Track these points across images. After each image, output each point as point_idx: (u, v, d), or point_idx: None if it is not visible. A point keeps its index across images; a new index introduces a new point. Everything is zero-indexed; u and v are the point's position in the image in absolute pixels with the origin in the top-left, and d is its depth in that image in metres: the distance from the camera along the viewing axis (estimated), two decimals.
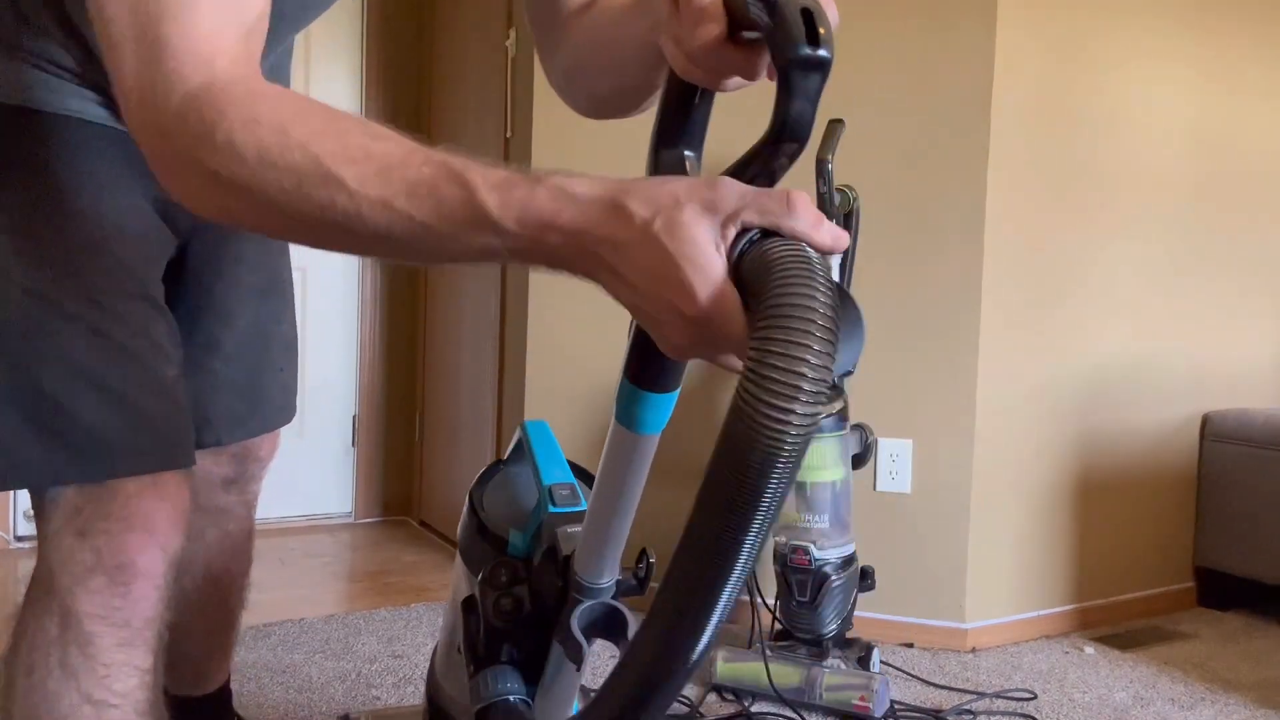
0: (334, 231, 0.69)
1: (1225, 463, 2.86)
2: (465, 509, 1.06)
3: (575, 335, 2.78)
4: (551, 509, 0.96)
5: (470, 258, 0.69)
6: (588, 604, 0.89)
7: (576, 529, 0.93)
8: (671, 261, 0.61)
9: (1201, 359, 2.91)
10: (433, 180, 0.66)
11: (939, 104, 2.48)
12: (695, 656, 0.57)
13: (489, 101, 3.20)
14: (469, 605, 0.99)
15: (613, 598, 0.90)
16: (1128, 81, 2.70)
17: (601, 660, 2.11)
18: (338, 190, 0.68)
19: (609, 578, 0.90)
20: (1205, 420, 2.92)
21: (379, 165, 0.68)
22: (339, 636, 2.43)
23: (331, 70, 3.63)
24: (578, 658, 0.88)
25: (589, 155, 2.75)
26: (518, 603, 0.95)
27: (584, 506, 0.97)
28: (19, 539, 3.27)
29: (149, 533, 0.99)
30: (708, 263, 0.61)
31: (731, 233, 0.62)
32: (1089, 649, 2.54)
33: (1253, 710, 2.17)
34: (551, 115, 2.72)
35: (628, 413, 0.79)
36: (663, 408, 0.79)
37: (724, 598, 0.57)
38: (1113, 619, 2.74)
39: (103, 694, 0.98)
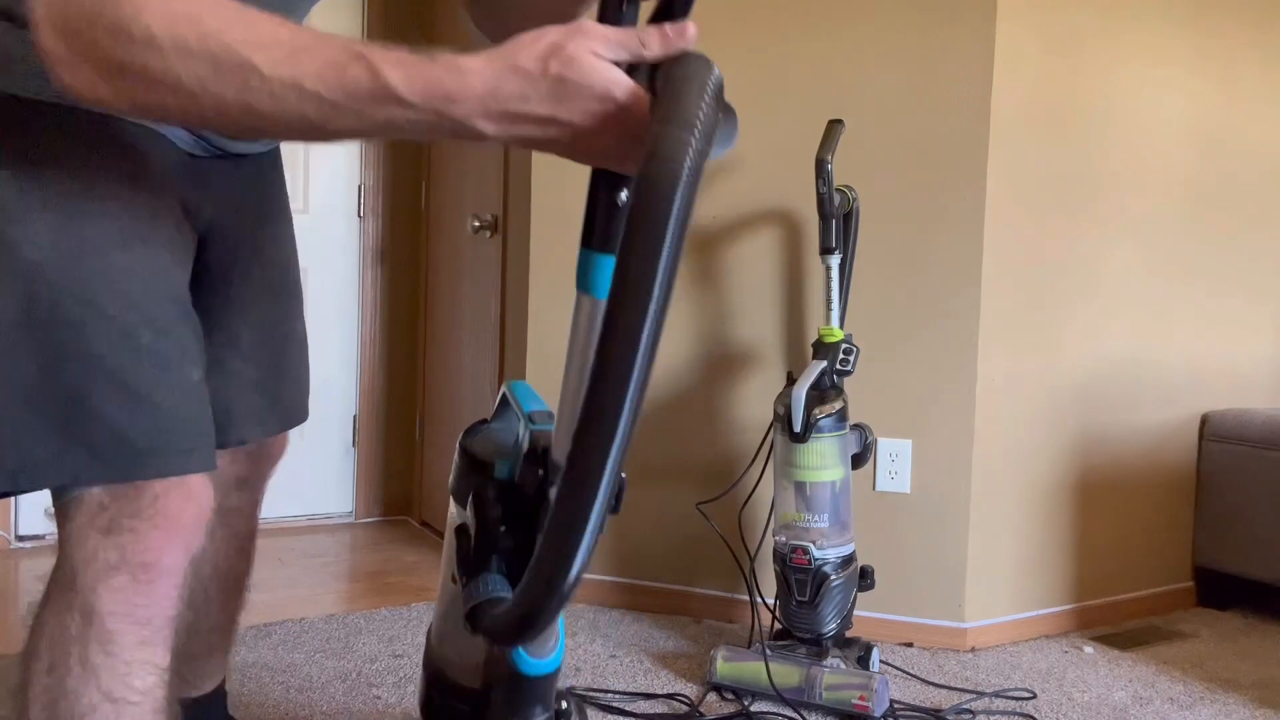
0: (248, 115, 0.76)
1: (1224, 462, 2.86)
2: (455, 456, 1.10)
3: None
4: (532, 427, 1.01)
5: (376, 133, 0.78)
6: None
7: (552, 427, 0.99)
8: (582, 85, 0.75)
9: (1201, 359, 2.92)
10: (339, 61, 0.75)
11: (939, 104, 2.49)
12: (641, 366, 0.64)
13: None
14: (461, 530, 1.02)
15: None
16: (1128, 82, 2.70)
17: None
18: (251, 74, 0.74)
19: None
20: (1204, 420, 2.92)
21: (288, 50, 0.75)
22: (339, 636, 2.44)
23: None
24: None
25: None
26: (506, 509, 0.98)
27: None
28: (19, 539, 3.28)
29: (174, 532, 1.00)
30: (606, 71, 0.75)
31: (605, 50, 0.76)
32: (1088, 648, 2.54)
33: (1252, 710, 2.17)
34: None
35: (586, 278, 0.89)
36: (607, 268, 0.88)
37: (653, 316, 0.64)
38: (1112, 618, 2.74)
39: (123, 691, 0.99)
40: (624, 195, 0.87)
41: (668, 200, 0.65)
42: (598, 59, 0.75)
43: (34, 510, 3.30)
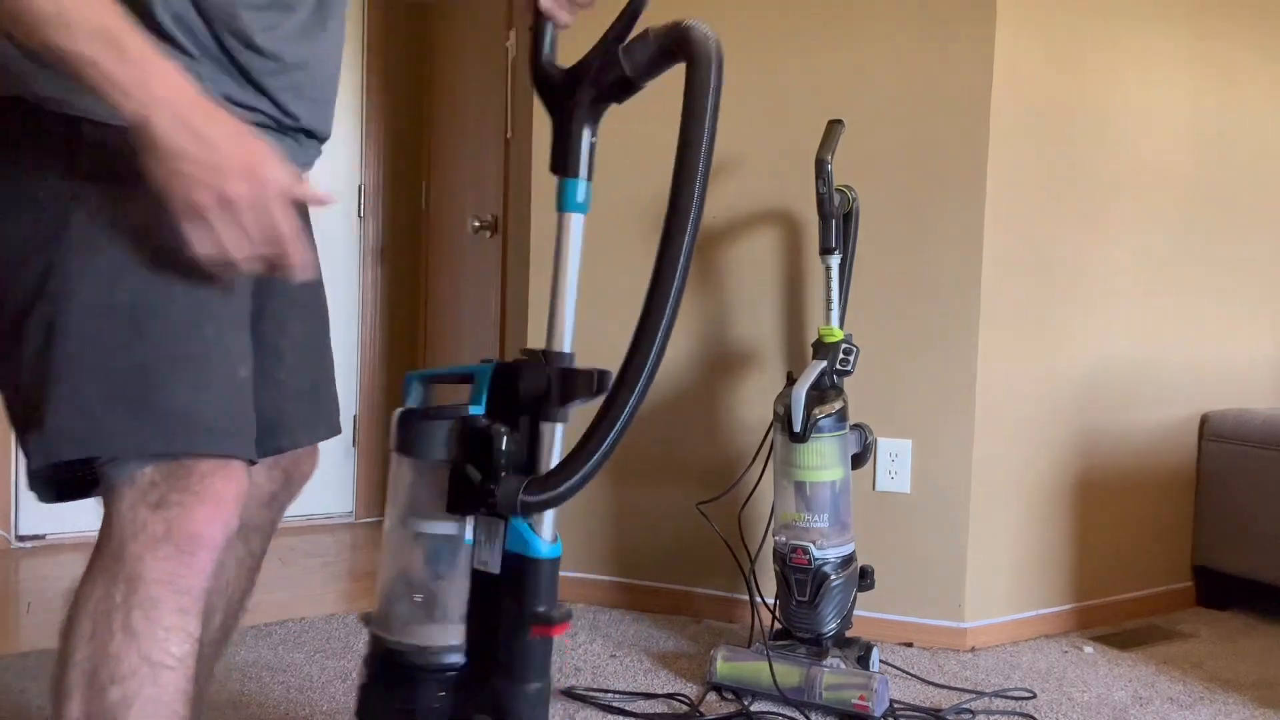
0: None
1: (1224, 462, 2.87)
2: (395, 421, 1.22)
3: (574, 335, 2.78)
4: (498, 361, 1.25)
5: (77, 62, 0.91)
6: (559, 368, 1.19)
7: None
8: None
9: (1200, 359, 2.92)
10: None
11: (939, 105, 2.49)
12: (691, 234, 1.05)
13: (489, 102, 3.20)
14: (454, 469, 1.15)
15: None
16: (1127, 82, 2.70)
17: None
18: None
19: (571, 347, 1.25)
20: (1204, 420, 2.92)
21: None
22: (340, 635, 2.44)
23: None
24: (564, 416, 1.16)
25: None
26: (509, 420, 1.16)
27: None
28: (19, 539, 3.28)
29: (217, 508, 1.07)
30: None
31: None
32: (1088, 648, 2.54)
33: (1251, 709, 2.18)
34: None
35: (558, 199, 1.20)
36: (571, 190, 1.21)
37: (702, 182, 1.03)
38: (1112, 618, 2.74)
39: (161, 656, 1.05)
40: (588, 134, 1.21)
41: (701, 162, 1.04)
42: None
43: (34, 511, 3.30)
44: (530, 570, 1.11)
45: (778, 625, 2.28)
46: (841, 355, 2.22)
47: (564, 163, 1.22)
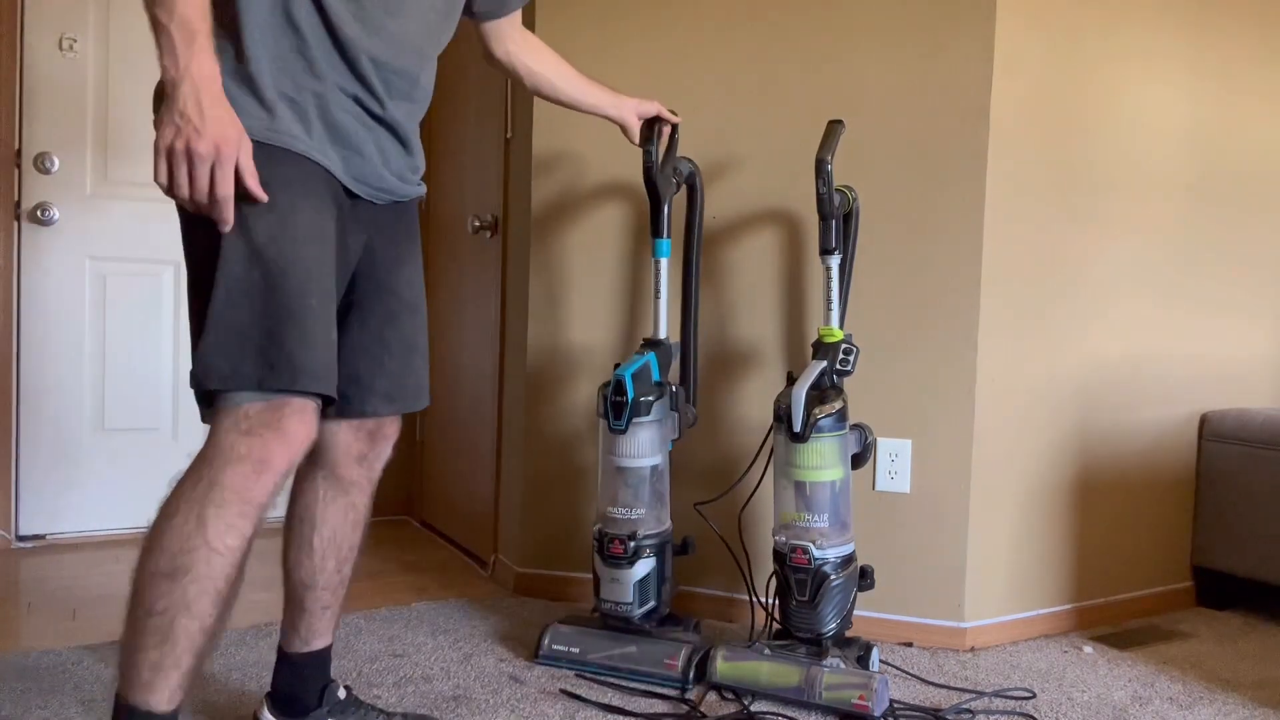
0: None
1: (1224, 462, 2.87)
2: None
3: (575, 335, 2.78)
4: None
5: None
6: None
7: None
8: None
9: (1200, 359, 2.92)
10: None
11: (939, 104, 2.49)
12: None
13: (489, 102, 3.20)
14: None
15: None
16: (1127, 81, 2.71)
17: None
18: None
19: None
20: (1204, 420, 2.93)
21: None
22: (339, 635, 2.44)
23: None
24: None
25: (587, 155, 2.75)
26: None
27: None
28: (20, 539, 3.28)
29: (289, 443, 1.41)
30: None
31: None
32: (1087, 648, 2.54)
33: (1251, 709, 2.18)
34: (551, 116, 2.72)
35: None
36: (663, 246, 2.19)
37: None
38: (1111, 618, 2.74)
39: (218, 543, 1.37)
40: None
41: None
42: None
43: (34, 511, 3.30)
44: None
45: (777, 625, 2.28)
46: (841, 355, 2.22)
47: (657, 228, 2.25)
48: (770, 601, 2.30)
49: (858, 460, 2.28)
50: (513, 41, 2.03)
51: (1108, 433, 2.74)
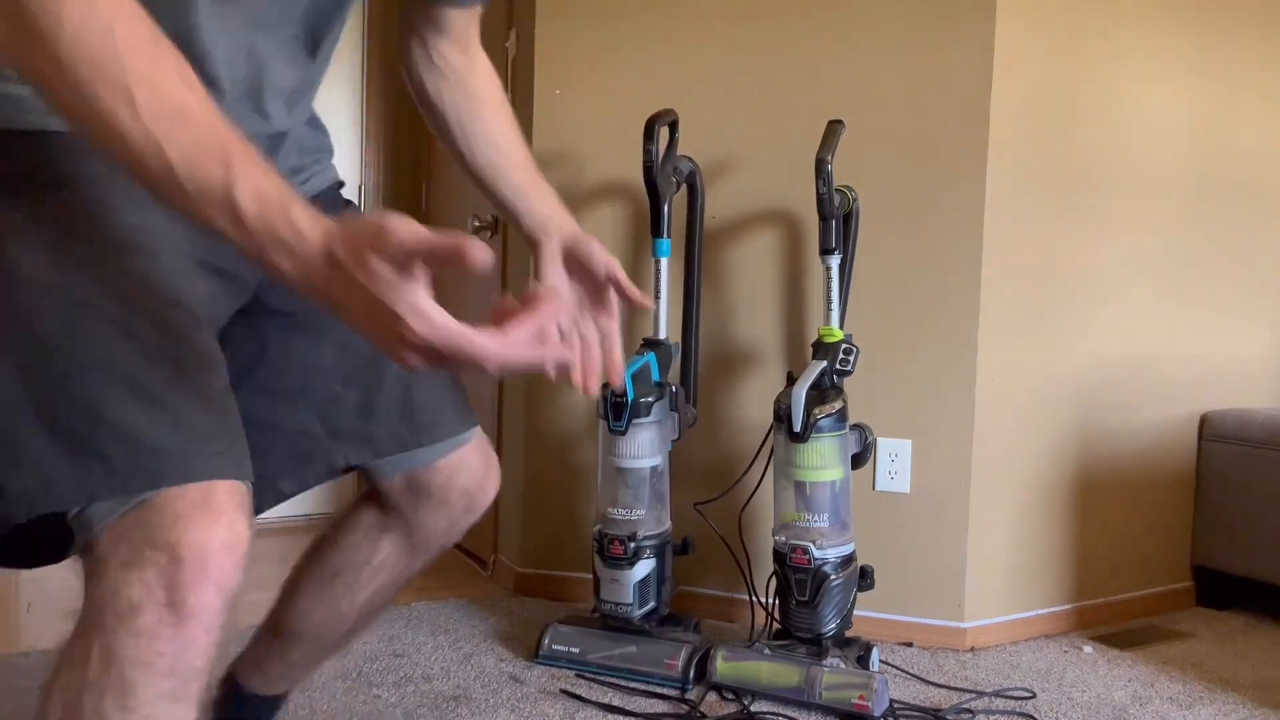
0: (103, 137, 0.75)
1: (1223, 462, 2.87)
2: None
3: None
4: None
5: (195, 220, 0.77)
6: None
7: None
8: (385, 303, 0.78)
9: (1200, 359, 2.92)
10: (207, 150, 0.75)
11: (939, 104, 2.49)
12: None
13: None
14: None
15: None
16: (1128, 81, 2.70)
17: None
18: (124, 104, 0.74)
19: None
20: (1204, 420, 2.92)
21: (172, 108, 0.75)
22: None
23: (332, 71, 3.63)
24: None
25: (587, 154, 2.75)
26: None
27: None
28: None
29: (201, 564, 0.85)
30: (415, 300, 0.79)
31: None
32: (1087, 648, 2.54)
33: (1251, 709, 2.18)
34: (551, 116, 2.72)
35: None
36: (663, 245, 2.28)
37: None
38: (1111, 618, 2.74)
39: None
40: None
41: None
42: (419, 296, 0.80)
43: None
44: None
45: (777, 625, 2.28)
46: (841, 355, 2.22)
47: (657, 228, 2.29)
48: (770, 601, 2.30)
49: (858, 460, 2.28)
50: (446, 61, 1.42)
51: (1108, 433, 2.74)
